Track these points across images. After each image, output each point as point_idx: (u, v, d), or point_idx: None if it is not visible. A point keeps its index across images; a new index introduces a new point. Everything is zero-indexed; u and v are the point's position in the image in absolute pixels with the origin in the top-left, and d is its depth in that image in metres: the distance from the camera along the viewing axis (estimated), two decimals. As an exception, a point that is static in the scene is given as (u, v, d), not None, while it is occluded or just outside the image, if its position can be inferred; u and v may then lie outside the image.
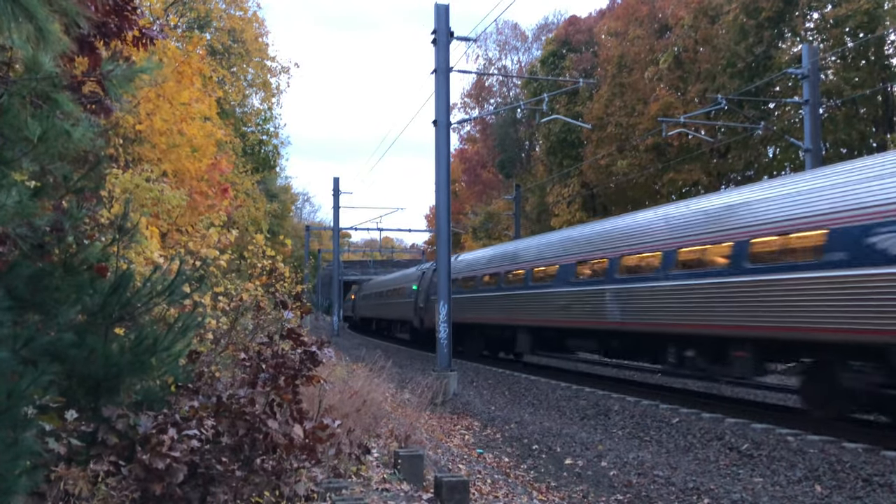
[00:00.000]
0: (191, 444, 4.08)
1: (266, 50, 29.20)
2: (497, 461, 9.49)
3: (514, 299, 20.44)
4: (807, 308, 9.92)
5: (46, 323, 4.05)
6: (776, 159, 30.29)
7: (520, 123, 48.48)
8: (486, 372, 19.72)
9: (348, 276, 63.04)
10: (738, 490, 7.58)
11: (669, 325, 13.00)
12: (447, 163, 16.82)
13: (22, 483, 3.02)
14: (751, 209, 11.63)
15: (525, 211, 42.58)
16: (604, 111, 34.63)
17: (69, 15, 3.40)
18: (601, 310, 15.46)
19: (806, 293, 9.96)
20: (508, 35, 55.07)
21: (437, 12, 16.50)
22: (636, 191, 35.91)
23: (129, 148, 11.72)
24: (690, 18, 30.69)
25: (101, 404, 4.14)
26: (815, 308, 9.82)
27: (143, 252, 7.42)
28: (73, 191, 4.26)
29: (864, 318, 9.06)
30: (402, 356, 25.21)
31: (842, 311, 9.38)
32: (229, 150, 20.09)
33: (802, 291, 10.01)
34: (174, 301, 4.75)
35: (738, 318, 11.20)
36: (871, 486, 7.48)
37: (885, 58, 25.41)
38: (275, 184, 43.41)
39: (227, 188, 14.00)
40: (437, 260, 16.95)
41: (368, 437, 7.54)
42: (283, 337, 5.44)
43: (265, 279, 11.08)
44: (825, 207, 9.99)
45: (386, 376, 11.92)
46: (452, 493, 5.49)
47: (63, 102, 3.44)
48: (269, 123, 31.77)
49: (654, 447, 10.01)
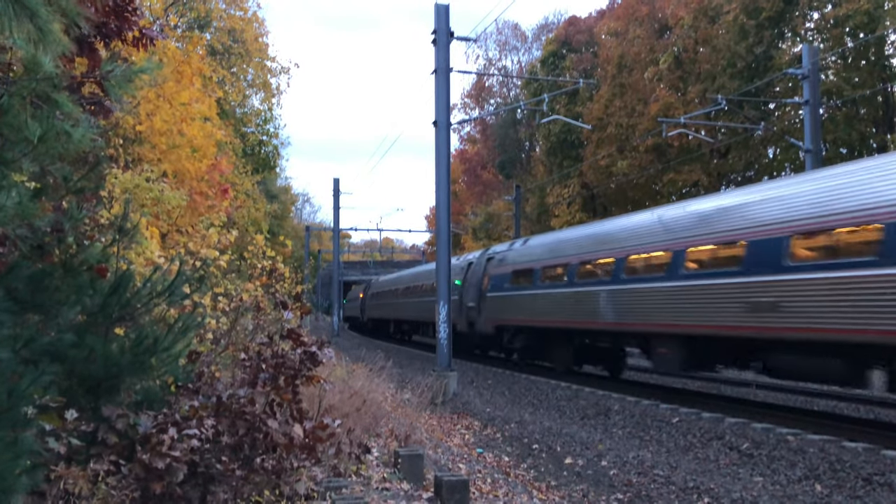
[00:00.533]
0: (191, 444, 4.09)
1: (266, 50, 29.24)
2: (497, 460, 9.49)
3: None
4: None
5: (47, 323, 4.06)
6: (776, 160, 30.31)
7: (520, 124, 48.51)
8: (486, 372, 19.73)
9: (348, 276, 63.03)
10: (738, 489, 7.58)
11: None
12: (447, 163, 16.82)
13: (22, 482, 3.02)
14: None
15: (525, 211, 42.59)
16: (604, 111, 34.64)
17: (69, 15, 3.40)
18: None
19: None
20: (508, 35, 55.21)
21: (437, 12, 16.50)
22: (636, 191, 35.92)
23: (129, 148, 11.74)
24: (690, 18, 30.70)
25: (101, 404, 4.14)
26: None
27: (143, 252, 7.43)
28: (73, 191, 4.27)
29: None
30: (402, 356, 25.21)
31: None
32: (229, 150, 20.11)
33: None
34: (174, 301, 4.75)
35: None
36: (871, 486, 7.49)
37: (885, 58, 25.42)
38: (275, 184, 43.45)
39: (227, 189, 14.03)
40: (437, 260, 16.95)
41: (368, 436, 7.55)
42: (283, 337, 5.44)
43: (265, 280, 11.10)
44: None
45: (386, 376, 11.92)
46: (452, 493, 5.49)
47: (63, 103, 3.44)
48: (269, 124, 31.79)
49: (654, 447, 10.01)
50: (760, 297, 10.72)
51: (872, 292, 9.07)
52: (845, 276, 9.43)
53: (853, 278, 9.33)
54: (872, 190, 9.47)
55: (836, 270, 9.57)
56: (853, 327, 9.30)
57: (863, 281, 9.22)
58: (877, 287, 9.02)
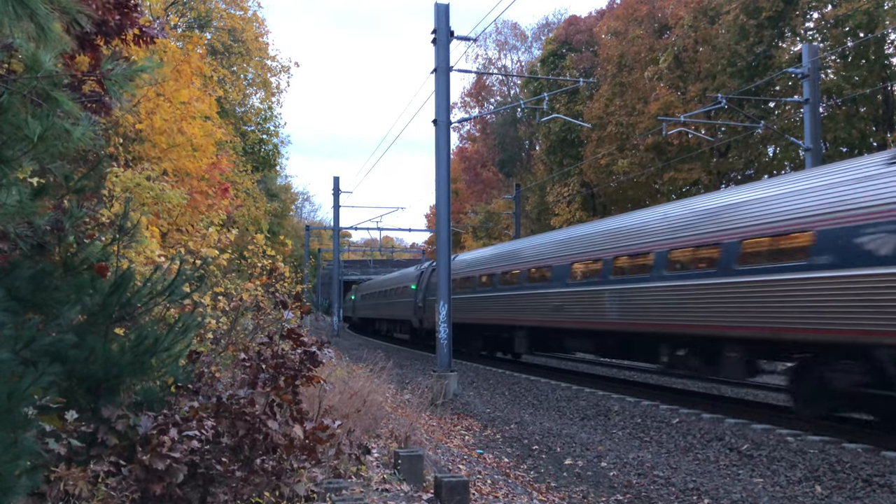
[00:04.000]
0: (191, 445, 4.07)
1: (266, 49, 29.22)
2: (497, 461, 9.48)
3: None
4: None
5: (47, 323, 4.05)
6: (776, 158, 30.32)
7: (520, 123, 48.48)
8: (486, 372, 19.71)
9: (348, 275, 63.00)
10: (738, 490, 7.57)
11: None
12: (447, 162, 16.79)
13: (22, 483, 3.01)
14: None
15: (525, 210, 42.59)
16: (604, 110, 34.61)
17: (69, 13, 3.38)
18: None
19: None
20: (508, 35, 55.11)
21: (437, 12, 16.47)
22: (636, 190, 35.92)
23: (130, 147, 11.72)
24: (690, 18, 30.66)
25: (101, 405, 4.13)
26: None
27: (144, 251, 7.40)
28: (73, 190, 4.25)
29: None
30: (402, 356, 25.21)
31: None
32: (229, 149, 20.09)
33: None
34: (174, 301, 4.74)
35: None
36: (871, 487, 7.48)
37: (885, 57, 25.39)
38: (275, 183, 43.40)
39: (227, 187, 14.00)
40: (438, 260, 16.92)
41: (368, 437, 7.53)
42: (283, 337, 5.42)
43: (265, 279, 11.07)
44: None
45: (386, 377, 11.90)
46: (452, 494, 5.47)
47: (63, 101, 3.42)
48: (269, 122, 31.76)
49: (654, 447, 10.00)
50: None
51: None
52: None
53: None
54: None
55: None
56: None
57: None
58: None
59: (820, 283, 9.82)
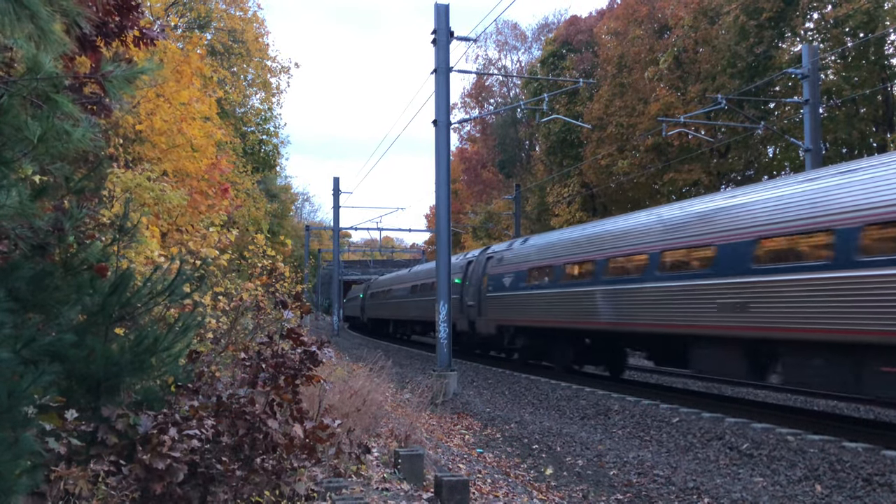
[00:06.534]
0: (191, 444, 4.08)
1: (266, 50, 29.26)
2: (497, 461, 9.49)
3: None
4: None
5: (47, 323, 4.06)
6: (776, 159, 30.33)
7: (520, 123, 48.50)
8: (486, 372, 19.73)
9: (348, 275, 62.97)
10: (738, 490, 7.58)
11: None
12: (447, 162, 16.81)
13: (22, 483, 3.02)
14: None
15: (525, 211, 42.59)
16: (604, 111, 34.63)
17: (69, 15, 3.40)
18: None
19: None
20: (508, 35, 55.14)
21: (436, 12, 16.49)
22: (636, 191, 35.94)
23: (130, 147, 11.73)
24: (690, 19, 30.69)
25: (101, 404, 4.14)
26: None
27: (144, 252, 7.42)
28: (73, 191, 4.27)
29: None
30: (401, 356, 25.21)
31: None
32: (229, 150, 20.11)
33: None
34: (174, 301, 4.75)
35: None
36: (871, 486, 7.49)
37: (884, 57, 25.41)
38: (275, 183, 43.41)
39: (227, 188, 14.02)
40: (438, 259, 16.94)
41: (368, 436, 7.54)
42: (283, 337, 5.44)
43: (265, 279, 11.08)
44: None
45: (386, 376, 11.92)
46: (452, 493, 5.49)
47: (63, 103, 3.44)
48: (269, 123, 31.81)
49: (654, 447, 10.01)
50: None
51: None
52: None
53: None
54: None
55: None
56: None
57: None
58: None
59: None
